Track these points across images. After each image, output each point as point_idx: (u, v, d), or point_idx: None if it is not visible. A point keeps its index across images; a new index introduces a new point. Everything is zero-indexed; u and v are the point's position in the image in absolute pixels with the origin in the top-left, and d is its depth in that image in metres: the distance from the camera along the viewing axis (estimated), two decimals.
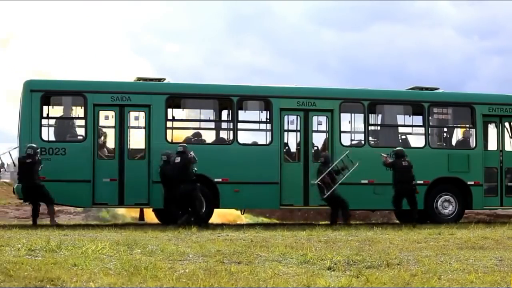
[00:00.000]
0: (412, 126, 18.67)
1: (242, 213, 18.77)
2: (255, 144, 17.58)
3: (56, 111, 17.07)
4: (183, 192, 15.60)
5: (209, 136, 17.53)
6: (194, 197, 15.74)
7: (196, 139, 17.25)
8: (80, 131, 16.86)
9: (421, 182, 17.46)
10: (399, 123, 18.67)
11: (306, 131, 17.59)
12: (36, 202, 16.19)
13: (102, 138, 16.94)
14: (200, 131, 17.47)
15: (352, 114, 18.20)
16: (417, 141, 18.33)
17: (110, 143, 16.98)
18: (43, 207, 16.59)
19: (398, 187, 16.71)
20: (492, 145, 18.58)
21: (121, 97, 16.65)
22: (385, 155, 16.95)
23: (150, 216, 18.46)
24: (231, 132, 17.26)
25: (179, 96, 17.46)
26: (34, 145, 15.80)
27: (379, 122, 18.55)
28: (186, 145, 16.13)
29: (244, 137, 17.48)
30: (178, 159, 15.62)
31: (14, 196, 18.60)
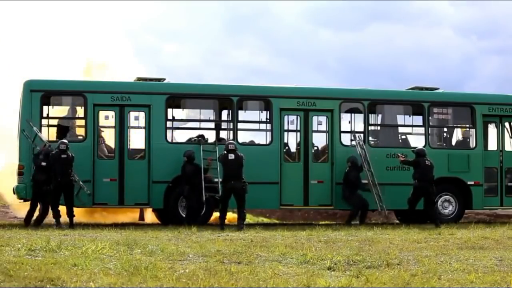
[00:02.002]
0: (412, 126, 18.66)
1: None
2: (255, 144, 17.58)
3: (56, 111, 17.08)
4: (235, 189, 15.41)
5: (209, 136, 17.50)
6: (244, 194, 15.51)
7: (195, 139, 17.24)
8: (80, 131, 16.86)
9: None
10: (399, 123, 18.67)
11: (306, 131, 17.58)
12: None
13: (102, 138, 16.93)
14: (200, 131, 17.47)
15: (352, 114, 18.21)
16: (417, 141, 18.31)
17: (110, 143, 16.98)
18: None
19: (419, 186, 16.46)
20: (492, 145, 18.58)
21: (121, 97, 16.65)
22: (402, 155, 16.90)
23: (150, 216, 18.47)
24: (231, 132, 17.25)
25: (179, 96, 17.46)
26: (65, 140, 15.70)
27: (379, 122, 18.55)
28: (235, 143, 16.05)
29: (244, 137, 17.50)
30: (232, 156, 15.43)
31: (13, 196, 18.58)
